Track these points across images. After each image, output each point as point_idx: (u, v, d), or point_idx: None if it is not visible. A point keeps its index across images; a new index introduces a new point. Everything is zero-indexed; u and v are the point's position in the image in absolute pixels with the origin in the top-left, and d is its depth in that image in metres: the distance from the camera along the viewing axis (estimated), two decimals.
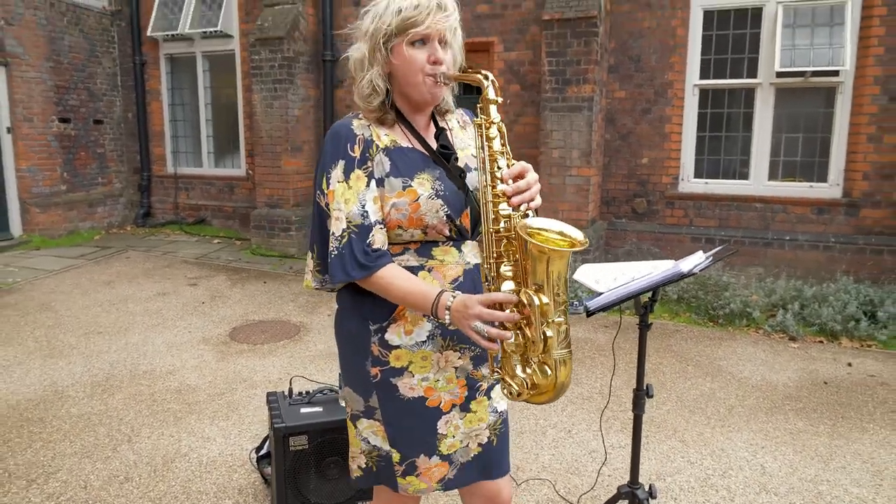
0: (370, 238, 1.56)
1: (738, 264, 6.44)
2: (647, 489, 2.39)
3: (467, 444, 1.73)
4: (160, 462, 3.20)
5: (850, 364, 4.59)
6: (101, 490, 2.96)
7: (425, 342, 1.64)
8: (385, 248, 1.59)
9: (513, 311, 1.44)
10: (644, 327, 2.27)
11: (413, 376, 1.65)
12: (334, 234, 1.58)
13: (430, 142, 1.69)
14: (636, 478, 2.38)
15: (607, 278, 2.25)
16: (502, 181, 1.49)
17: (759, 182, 6.58)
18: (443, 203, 1.60)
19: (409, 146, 1.65)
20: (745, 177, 6.66)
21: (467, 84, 1.63)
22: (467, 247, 1.69)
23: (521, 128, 7.24)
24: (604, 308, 2.12)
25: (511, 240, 1.49)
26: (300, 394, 2.83)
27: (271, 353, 4.70)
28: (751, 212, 6.52)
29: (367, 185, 1.59)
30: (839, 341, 5.04)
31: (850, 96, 6.12)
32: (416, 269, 1.63)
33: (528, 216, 1.50)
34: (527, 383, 1.49)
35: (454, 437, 1.71)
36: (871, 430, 3.60)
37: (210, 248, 8.38)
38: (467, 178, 1.68)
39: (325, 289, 1.75)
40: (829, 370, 4.48)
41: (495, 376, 1.60)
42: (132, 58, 9.38)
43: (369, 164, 1.60)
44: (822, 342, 5.04)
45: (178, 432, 3.51)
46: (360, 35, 1.62)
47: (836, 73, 6.08)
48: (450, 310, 1.49)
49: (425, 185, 1.60)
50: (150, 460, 3.22)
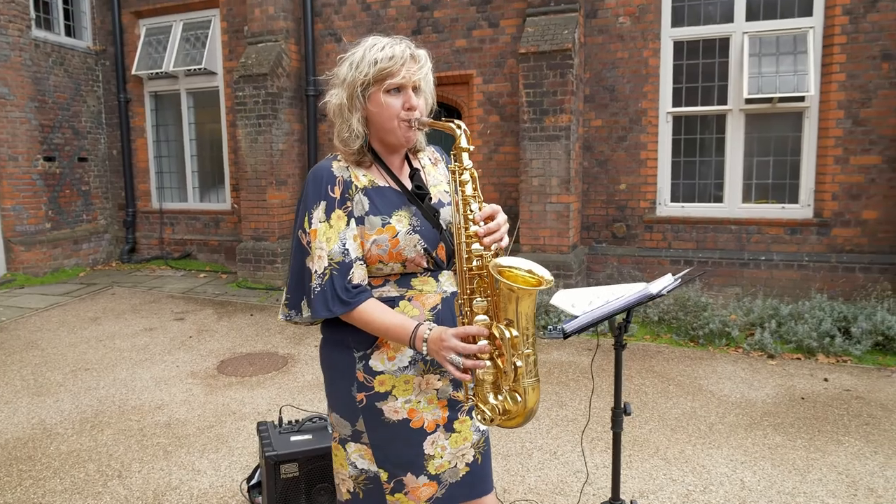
0: (350, 274, 1.67)
1: (717, 285, 6.59)
2: None
3: (455, 465, 1.82)
4: (151, 496, 3.23)
5: (826, 379, 4.71)
6: None
7: (407, 367, 1.74)
8: (365, 283, 1.70)
9: (485, 343, 1.56)
10: (619, 347, 2.38)
11: (397, 399, 1.74)
12: (316, 271, 1.69)
13: (405, 181, 1.80)
14: (617, 494, 2.46)
15: (582, 302, 2.36)
16: (474, 223, 1.61)
17: (733, 204, 6.76)
18: (420, 238, 1.72)
19: (387, 185, 1.77)
20: (719, 200, 6.85)
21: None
22: (444, 276, 1.80)
23: (501, 157, 7.41)
24: (580, 330, 2.22)
25: (483, 277, 1.61)
26: (290, 422, 2.89)
27: (259, 385, 4.75)
28: (726, 233, 6.69)
29: (348, 224, 1.70)
30: (816, 357, 5.17)
31: (817, 120, 6.35)
32: (396, 298, 1.73)
33: (497, 255, 1.62)
34: (498, 409, 1.61)
35: (442, 457, 1.79)
36: (846, 442, 3.71)
37: (196, 282, 8.41)
38: (441, 212, 1.79)
39: (290, 322, 1.84)
40: (807, 386, 4.60)
41: (469, 403, 1.70)
42: (117, 96, 9.49)
43: (349, 203, 1.71)
44: (799, 359, 5.17)
45: (169, 466, 3.54)
46: (338, 82, 1.74)
47: (801, 99, 6.31)
48: (427, 342, 1.61)
49: (403, 222, 1.72)
50: (141, 495, 3.25)
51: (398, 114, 1.70)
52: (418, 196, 1.77)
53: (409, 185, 1.79)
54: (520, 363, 1.56)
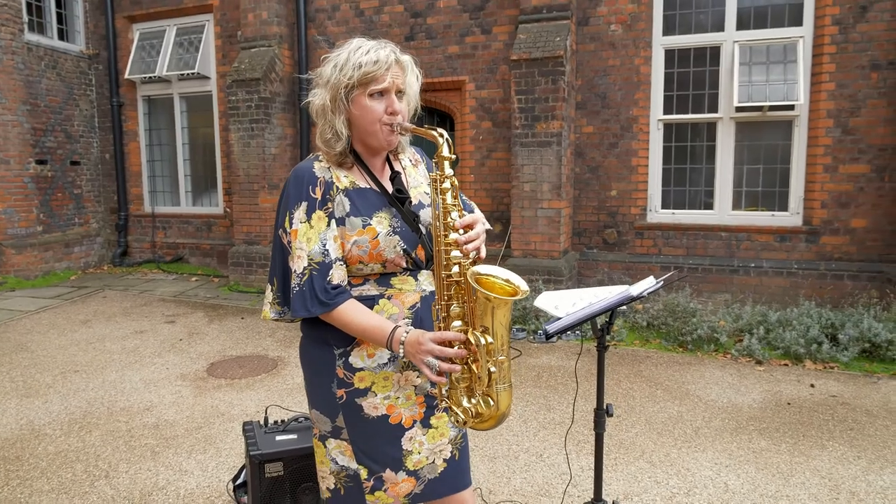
0: (330, 275, 1.69)
1: (706, 291, 6.63)
2: None
3: (433, 461, 1.83)
4: (138, 496, 3.23)
5: (812, 385, 4.74)
6: None
7: (387, 364, 1.76)
8: (344, 283, 1.72)
9: (461, 348, 1.60)
10: (602, 349, 2.40)
11: (376, 395, 1.76)
12: (296, 271, 1.71)
13: (385, 182, 1.83)
14: (599, 494, 2.48)
15: (566, 304, 2.38)
16: (454, 230, 1.64)
17: (723, 212, 6.81)
18: (400, 239, 1.74)
19: (367, 187, 1.79)
20: (710, 207, 6.90)
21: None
22: (423, 275, 1.82)
23: (493, 162, 7.44)
24: (562, 331, 2.24)
25: (461, 284, 1.64)
26: (276, 422, 2.90)
27: (249, 388, 4.75)
28: (716, 240, 6.73)
29: (328, 225, 1.72)
30: (803, 364, 5.20)
31: (806, 129, 6.41)
32: (376, 297, 1.75)
33: (475, 263, 1.66)
34: (471, 412, 1.65)
35: (419, 453, 1.81)
36: (830, 447, 3.74)
37: (188, 285, 8.41)
38: (421, 214, 1.82)
39: (283, 320, 1.87)
40: (793, 391, 4.63)
41: (443, 405, 1.73)
42: (109, 100, 9.50)
43: (330, 205, 1.73)
44: (787, 365, 5.20)
45: (156, 466, 3.54)
46: (322, 82, 1.76)
47: (791, 108, 6.38)
48: (404, 344, 1.63)
49: (383, 223, 1.74)
50: (127, 495, 3.25)
51: (381, 118, 1.72)
52: (399, 200, 1.79)
53: (389, 188, 1.81)
54: (494, 369, 1.59)
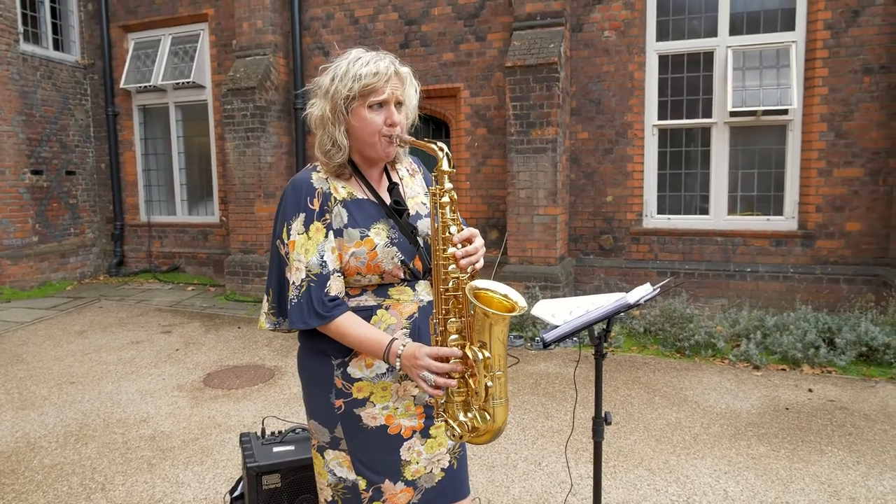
0: (328, 287, 1.69)
1: (703, 296, 6.63)
2: None
3: (431, 470, 1.83)
4: None
5: (810, 390, 4.74)
6: None
7: (385, 374, 1.75)
8: (342, 295, 1.72)
9: (458, 362, 1.60)
10: (599, 357, 2.39)
11: (374, 406, 1.75)
12: (294, 283, 1.71)
13: (383, 193, 1.82)
14: (599, 502, 2.47)
15: (563, 312, 2.38)
16: (452, 244, 1.64)
17: (718, 216, 6.82)
18: (397, 250, 1.74)
19: (365, 198, 1.79)
20: (705, 212, 6.91)
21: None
22: (420, 286, 1.81)
23: (488, 169, 7.45)
24: (559, 339, 2.24)
25: (458, 298, 1.64)
26: (273, 434, 2.88)
27: (245, 398, 4.73)
28: (712, 245, 6.74)
29: (326, 237, 1.71)
30: (801, 368, 5.20)
31: (800, 133, 6.43)
32: (374, 307, 1.75)
33: (473, 277, 1.66)
34: (468, 426, 1.65)
35: (418, 463, 1.80)
36: (829, 452, 3.74)
37: (184, 295, 8.39)
38: (418, 224, 1.82)
39: (279, 331, 1.87)
40: (791, 396, 4.62)
41: (439, 419, 1.73)
42: (105, 109, 9.50)
43: (328, 216, 1.73)
44: (784, 370, 5.20)
45: (153, 478, 3.52)
46: (321, 93, 1.75)
47: (785, 112, 6.40)
48: (400, 357, 1.64)
49: (381, 235, 1.74)
50: None
51: (380, 129, 1.72)
52: (397, 212, 1.79)
53: (387, 199, 1.81)
54: (491, 384, 1.59)
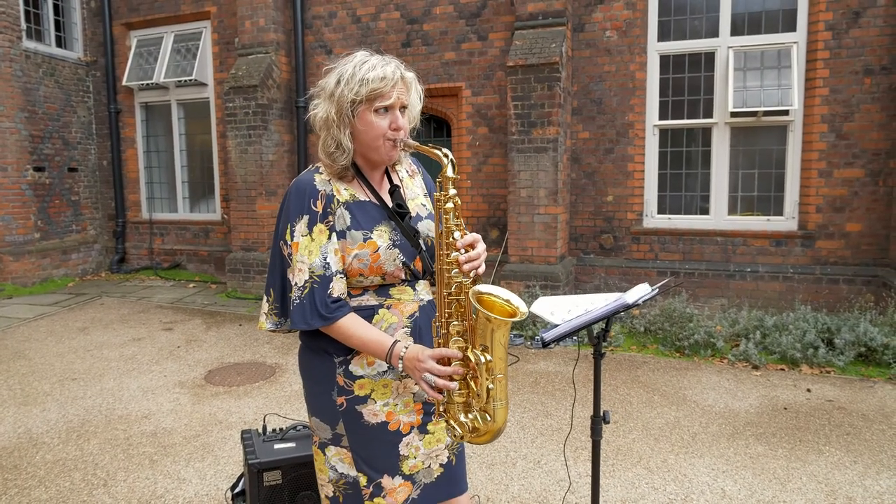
0: (331, 288, 1.71)
1: (703, 296, 6.65)
2: None
3: (429, 465, 1.85)
4: None
5: (809, 390, 4.76)
6: None
7: (386, 371, 1.78)
8: (344, 296, 1.74)
9: (459, 365, 1.63)
10: (598, 356, 2.41)
11: (375, 402, 1.78)
12: (297, 284, 1.73)
13: (384, 195, 1.85)
14: (597, 501, 2.49)
15: (561, 310, 2.40)
16: (455, 249, 1.66)
17: (719, 217, 6.84)
18: (399, 252, 1.77)
19: (367, 200, 1.81)
20: (705, 212, 6.92)
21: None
22: (420, 285, 1.84)
23: (490, 168, 7.47)
24: (558, 339, 2.26)
25: (461, 302, 1.67)
26: (274, 431, 2.91)
27: (247, 395, 4.76)
28: (713, 245, 6.76)
29: (329, 238, 1.74)
30: (800, 368, 5.22)
31: (801, 134, 6.45)
32: (376, 307, 1.77)
33: (476, 282, 1.69)
34: (468, 427, 1.68)
35: (415, 458, 1.83)
36: (826, 452, 3.76)
37: (185, 292, 8.41)
38: (419, 225, 1.84)
39: (279, 331, 1.88)
40: (790, 396, 4.64)
41: (441, 419, 1.75)
42: (107, 106, 9.52)
43: (331, 218, 1.75)
44: (783, 370, 5.22)
45: (154, 475, 3.55)
46: (326, 95, 1.77)
47: (786, 113, 6.41)
48: (403, 359, 1.67)
49: (384, 237, 1.76)
50: (126, 503, 3.25)
51: (384, 133, 1.74)
52: (399, 214, 1.81)
53: (389, 201, 1.83)
54: (492, 386, 1.62)
